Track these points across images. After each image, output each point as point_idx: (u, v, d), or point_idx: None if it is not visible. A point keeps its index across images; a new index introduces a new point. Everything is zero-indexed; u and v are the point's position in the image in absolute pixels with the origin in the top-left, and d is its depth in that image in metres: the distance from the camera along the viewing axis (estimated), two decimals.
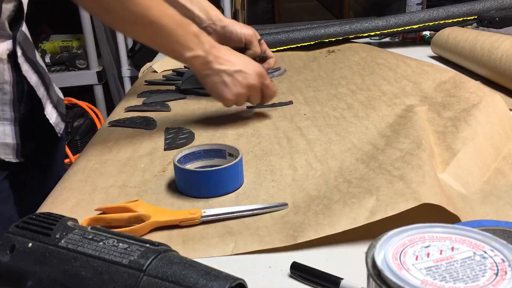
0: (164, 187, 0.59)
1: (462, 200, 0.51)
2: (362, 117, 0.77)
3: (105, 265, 0.32)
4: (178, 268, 0.32)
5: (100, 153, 0.71)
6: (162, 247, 0.34)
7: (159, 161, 0.67)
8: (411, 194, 0.47)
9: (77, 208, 0.55)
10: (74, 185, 0.61)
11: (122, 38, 2.31)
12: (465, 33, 1.03)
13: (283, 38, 1.29)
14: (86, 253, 0.33)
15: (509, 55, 0.84)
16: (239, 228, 0.49)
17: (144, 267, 0.32)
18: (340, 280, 0.40)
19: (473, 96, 0.73)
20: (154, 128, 0.79)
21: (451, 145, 0.61)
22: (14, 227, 0.37)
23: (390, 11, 2.58)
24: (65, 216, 0.38)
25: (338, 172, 0.59)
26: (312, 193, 0.54)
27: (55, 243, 0.35)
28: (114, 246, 0.33)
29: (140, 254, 0.33)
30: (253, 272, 0.43)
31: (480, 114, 0.67)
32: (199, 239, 0.48)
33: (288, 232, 0.47)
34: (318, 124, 0.75)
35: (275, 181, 0.59)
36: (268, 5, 3.30)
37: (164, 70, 1.18)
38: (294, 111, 0.83)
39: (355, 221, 0.46)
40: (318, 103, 0.85)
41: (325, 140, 0.69)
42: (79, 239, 0.35)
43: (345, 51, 1.26)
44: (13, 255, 0.35)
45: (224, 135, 0.74)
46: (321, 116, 0.79)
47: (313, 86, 0.97)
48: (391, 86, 0.92)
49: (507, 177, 0.56)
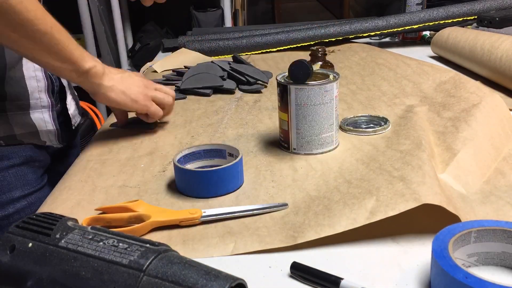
0: (164, 187, 0.59)
1: (462, 200, 0.51)
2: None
3: (105, 265, 0.32)
4: (178, 268, 0.32)
5: (100, 153, 0.71)
6: (162, 247, 0.34)
7: (159, 161, 0.67)
8: (411, 195, 0.47)
9: (77, 208, 0.55)
10: (74, 185, 0.61)
11: (122, 38, 2.31)
12: (465, 33, 1.03)
13: (283, 38, 1.29)
14: (86, 253, 0.33)
15: (509, 55, 0.84)
16: (239, 228, 0.49)
17: (144, 267, 0.32)
18: (340, 280, 0.40)
19: (473, 96, 0.73)
20: (155, 127, 0.79)
21: (451, 146, 0.61)
22: (15, 227, 0.37)
23: (390, 11, 2.57)
24: (65, 216, 0.38)
25: (338, 172, 0.59)
26: (312, 194, 0.54)
27: (55, 243, 0.35)
28: (114, 246, 0.34)
29: (140, 254, 0.33)
30: (253, 272, 0.43)
31: (480, 114, 0.67)
32: (199, 239, 0.48)
33: (288, 232, 0.47)
34: None
35: (275, 181, 0.59)
36: (268, 5, 3.30)
37: (164, 70, 1.18)
38: None
39: (355, 221, 0.46)
40: None
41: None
42: (79, 239, 0.35)
43: (345, 51, 1.26)
44: (13, 255, 0.35)
45: (224, 135, 0.74)
46: None
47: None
48: (391, 86, 0.92)
49: (507, 177, 0.56)
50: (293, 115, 0.64)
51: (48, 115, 0.78)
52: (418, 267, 0.42)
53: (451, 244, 0.39)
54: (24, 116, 0.75)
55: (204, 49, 1.28)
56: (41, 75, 0.77)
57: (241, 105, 0.88)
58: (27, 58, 0.68)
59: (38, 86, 0.76)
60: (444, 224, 0.44)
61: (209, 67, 1.02)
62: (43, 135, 0.77)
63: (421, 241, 0.46)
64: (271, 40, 1.29)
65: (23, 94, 0.74)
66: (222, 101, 0.91)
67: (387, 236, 0.47)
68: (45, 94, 0.77)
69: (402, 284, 0.40)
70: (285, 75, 0.66)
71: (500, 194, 0.52)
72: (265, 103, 0.88)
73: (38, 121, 0.76)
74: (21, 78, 0.74)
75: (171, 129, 0.78)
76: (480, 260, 0.42)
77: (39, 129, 0.76)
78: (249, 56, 1.28)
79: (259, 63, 1.21)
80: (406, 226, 0.48)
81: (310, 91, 0.62)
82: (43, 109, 0.77)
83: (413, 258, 0.44)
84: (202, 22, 2.38)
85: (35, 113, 0.76)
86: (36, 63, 0.67)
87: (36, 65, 0.74)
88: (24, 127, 0.74)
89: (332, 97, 0.63)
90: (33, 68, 0.75)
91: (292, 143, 0.66)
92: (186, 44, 1.30)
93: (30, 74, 0.75)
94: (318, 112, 0.63)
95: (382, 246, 0.46)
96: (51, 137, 0.78)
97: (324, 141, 0.65)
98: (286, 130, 0.66)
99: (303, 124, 0.64)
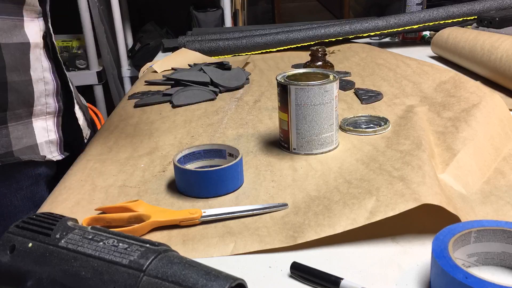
0: (164, 187, 0.59)
1: (462, 200, 0.51)
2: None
3: (105, 265, 0.32)
4: (178, 268, 0.32)
5: (100, 152, 0.71)
6: (162, 247, 0.34)
7: (159, 161, 0.67)
8: (411, 195, 0.47)
9: (77, 207, 0.55)
10: (74, 184, 0.61)
11: (122, 38, 2.31)
12: (465, 33, 1.03)
13: (283, 38, 1.29)
14: (86, 253, 0.33)
15: (509, 55, 0.84)
16: (239, 229, 0.49)
17: (144, 267, 0.32)
18: (340, 280, 0.40)
19: (473, 96, 0.73)
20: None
21: (451, 146, 0.61)
22: (14, 227, 0.37)
23: (390, 11, 2.58)
24: (65, 216, 0.38)
25: (338, 172, 0.59)
26: (312, 194, 0.54)
27: (55, 243, 0.35)
28: (114, 246, 0.34)
29: (140, 254, 0.33)
30: (253, 272, 0.43)
31: (480, 114, 0.67)
32: (199, 239, 0.48)
33: (288, 232, 0.47)
34: None
35: (275, 181, 0.59)
36: (268, 5, 3.30)
37: (164, 70, 1.18)
38: None
39: (355, 221, 0.46)
40: None
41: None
42: (79, 239, 0.35)
43: (345, 52, 1.26)
44: (13, 255, 0.35)
45: (224, 135, 0.74)
46: None
47: None
48: (391, 87, 0.92)
49: (507, 177, 0.56)
50: (293, 115, 0.64)
51: (52, 122, 0.71)
52: (418, 267, 0.42)
53: (451, 244, 0.39)
54: (25, 126, 0.66)
55: (204, 49, 1.28)
56: (49, 77, 0.69)
57: (241, 105, 0.88)
58: None
59: (45, 90, 0.69)
60: (444, 224, 0.44)
61: (199, 75, 1.00)
62: (42, 148, 0.69)
63: (421, 241, 0.46)
64: (271, 40, 1.29)
65: (27, 101, 0.66)
66: (222, 101, 0.92)
67: (387, 236, 0.47)
68: (53, 98, 0.70)
69: (402, 284, 0.40)
70: (285, 75, 0.66)
71: (500, 194, 0.52)
72: (265, 103, 0.88)
73: (39, 130, 0.68)
74: (28, 82, 0.66)
75: (171, 129, 0.78)
76: (480, 260, 0.42)
77: (39, 141, 0.68)
78: (249, 56, 1.28)
79: (259, 63, 1.21)
80: (406, 226, 0.48)
81: (310, 91, 0.62)
82: (47, 115, 0.70)
83: (413, 258, 0.44)
84: (202, 22, 2.38)
85: (38, 121, 0.68)
86: None
87: (45, 64, 0.68)
88: (23, 140, 0.66)
89: (332, 97, 0.63)
90: (41, 69, 0.68)
91: (292, 143, 0.66)
92: (186, 44, 1.30)
93: (38, 76, 0.67)
94: (318, 112, 0.63)
95: (382, 246, 0.46)
96: (52, 148, 0.70)
97: (324, 141, 0.65)
98: (286, 130, 0.66)
99: (303, 124, 0.64)
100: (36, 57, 0.67)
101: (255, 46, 1.29)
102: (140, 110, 0.90)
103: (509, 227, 0.40)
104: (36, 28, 0.67)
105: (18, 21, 0.64)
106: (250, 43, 1.29)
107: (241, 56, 1.29)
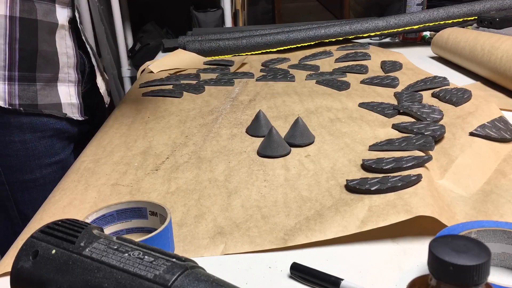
0: (157, 185, 0.59)
1: (463, 203, 0.51)
2: (356, 118, 0.76)
3: (129, 278, 0.31)
4: (205, 286, 0.30)
5: (94, 152, 0.70)
6: (189, 262, 0.32)
7: (152, 159, 0.66)
8: (402, 206, 0.47)
9: (69, 207, 0.55)
10: (68, 185, 0.61)
11: (122, 38, 2.31)
12: (465, 33, 1.03)
13: (283, 38, 1.29)
14: (110, 264, 0.32)
15: (509, 55, 0.84)
16: (230, 229, 0.49)
17: (169, 283, 0.30)
18: (340, 280, 0.40)
19: (469, 104, 0.74)
20: (182, 96, 0.91)
21: (448, 151, 0.61)
22: (39, 232, 0.36)
23: (390, 12, 2.58)
24: (90, 224, 0.37)
25: (330, 173, 0.59)
26: (304, 194, 0.54)
27: (79, 251, 0.33)
28: (140, 259, 0.32)
29: (166, 268, 0.31)
30: (253, 272, 0.43)
31: (476, 121, 0.68)
32: (190, 240, 0.48)
33: (278, 234, 0.47)
34: (311, 124, 0.75)
35: (267, 180, 0.58)
36: (268, 5, 3.30)
37: (160, 70, 1.17)
38: (289, 110, 0.82)
39: (346, 229, 0.46)
40: (313, 103, 0.85)
41: (318, 140, 0.69)
42: (104, 249, 0.33)
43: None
44: (35, 261, 0.34)
45: (218, 134, 0.74)
46: (315, 116, 0.79)
47: (309, 86, 0.97)
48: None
49: (507, 176, 0.56)
50: None
51: (74, 90, 0.86)
52: (418, 267, 0.42)
53: None
54: (51, 88, 0.82)
55: (204, 49, 1.28)
56: (72, 53, 0.86)
57: (236, 105, 0.88)
58: None
59: (68, 62, 0.84)
60: (444, 225, 0.44)
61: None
62: (65, 108, 0.85)
63: (421, 241, 0.46)
64: (271, 40, 1.29)
65: (53, 67, 0.82)
66: (217, 101, 0.91)
67: (387, 236, 0.47)
68: (74, 70, 0.86)
69: (402, 284, 0.40)
70: None
71: (501, 192, 0.52)
72: (260, 103, 0.88)
73: (63, 94, 0.84)
74: (54, 53, 0.82)
75: (165, 129, 0.78)
76: None
77: (63, 101, 0.84)
78: (249, 56, 1.28)
79: (256, 64, 1.21)
80: (406, 226, 0.48)
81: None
82: (69, 83, 0.85)
83: (413, 258, 0.44)
84: (202, 22, 2.38)
85: (62, 86, 0.84)
86: None
87: (68, 42, 0.85)
88: (48, 98, 0.82)
89: None
90: (65, 46, 0.84)
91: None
92: (186, 44, 1.30)
93: (62, 50, 0.84)
94: None
95: (382, 246, 0.46)
96: (73, 110, 0.86)
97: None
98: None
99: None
100: (61, 36, 0.85)
101: (255, 46, 1.29)
102: (135, 109, 0.89)
103: (509, 228, 0.40)
104: (64, 14, 0.85)
105: (52, 6, 0.83)
106: (250, 43, 1.29)
107: (241, 56, 1.29)
